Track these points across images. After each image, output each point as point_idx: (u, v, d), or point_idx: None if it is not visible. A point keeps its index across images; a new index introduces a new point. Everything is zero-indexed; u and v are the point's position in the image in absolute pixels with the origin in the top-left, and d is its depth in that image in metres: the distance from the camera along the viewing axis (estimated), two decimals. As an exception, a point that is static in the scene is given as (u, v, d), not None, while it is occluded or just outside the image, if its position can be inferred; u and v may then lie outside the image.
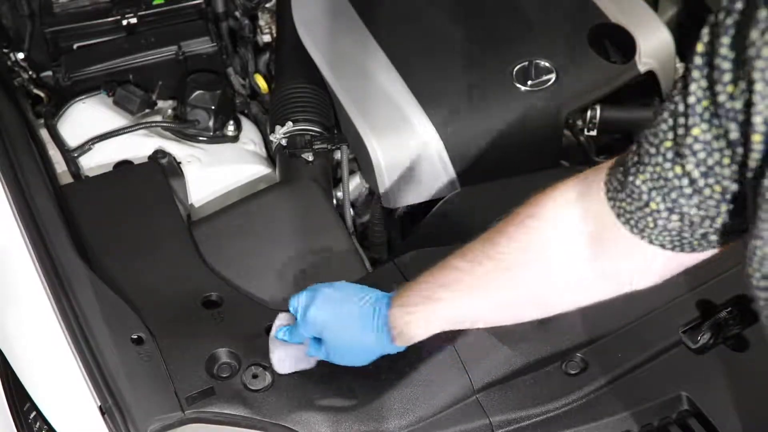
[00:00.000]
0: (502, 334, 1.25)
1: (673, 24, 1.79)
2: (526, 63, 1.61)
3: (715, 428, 1.16)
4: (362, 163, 1.63)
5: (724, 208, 0.83)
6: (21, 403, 1.21)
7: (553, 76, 1.60)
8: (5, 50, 1.80)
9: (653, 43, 1.67)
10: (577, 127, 1.63)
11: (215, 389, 1.21)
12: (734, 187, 0.80)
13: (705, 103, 0.78)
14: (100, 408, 1.16)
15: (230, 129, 1.75)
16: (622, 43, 1.66)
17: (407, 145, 1.55)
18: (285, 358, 1.21)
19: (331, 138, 1.68)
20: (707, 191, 0.82)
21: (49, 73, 1.84)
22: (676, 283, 1.29)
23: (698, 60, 0.78)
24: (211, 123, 1.71)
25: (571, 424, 1.18)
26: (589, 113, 1.62)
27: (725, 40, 0.75)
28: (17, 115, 1.58)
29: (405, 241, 1.62)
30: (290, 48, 1.79)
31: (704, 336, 1.24)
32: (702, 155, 0.80)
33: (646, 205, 0.87)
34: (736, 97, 0.75)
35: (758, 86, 0.72)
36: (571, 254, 0.98)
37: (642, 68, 1.64)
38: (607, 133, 1.66)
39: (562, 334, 1.26)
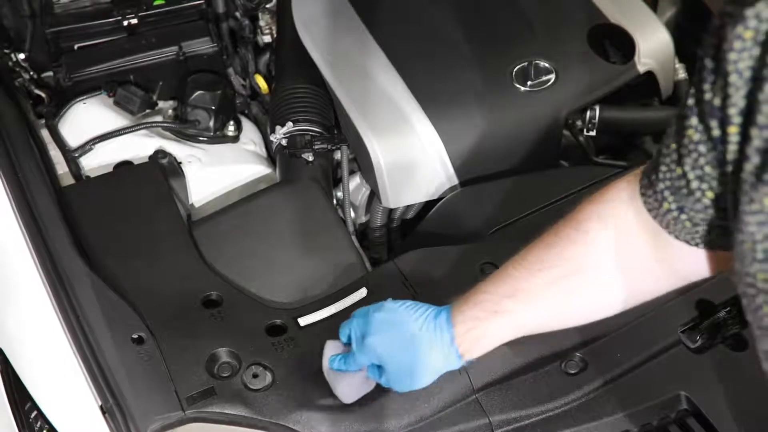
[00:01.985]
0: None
1: (672, 24, 1.79)
2: (526, 63, 1.61)
3: (714, 428, 1.16)
4: (362, 163, 1.64)
5: (711, 213, 0.85)
6: (22, 402, 1.21)
7: (552, 77, 1.61)
8: (6, 51, 1.81)
9: (652, 44, 1.67)
10: (577, 128, 1.63)
11: (215, 389, 1.21)
12: (722, 191, 0.83)
13: (698, 106, 0.81)
14: (101, 407, 1.17)
15: (230, 129, 1.75)
16: (622, 44, 1.66)
17: (407, 145, 1.56)
18: (349, 389, 1.18)
19: (331, 138, 1.68)
20: (698, 194, 0.85)
21: (50, 73, 1.84)
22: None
23: (698, 64, 0.81)
24: (211, 123, 1.72)
25: (570, 424, 1.18)
26: (588, 113, 1.63)
27: (711, 41, 0.78)
28: (18, 116, 1.58)
29: (405, 241, 1.62)
30: (290, 48, 1.80)
31: (703, 336, 1.24)
32: (694, 156, 0.83)
33: (661, 204, 0.90)
34: (716, 92, 0.77)
35: (732, 78, 0.75)
36: (633, 254, 0.99)
37: (641, 68, 1.65)
38: (606, 133, 1.66)
39: (561, 333, 1.26)
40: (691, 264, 0.95)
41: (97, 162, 1.66)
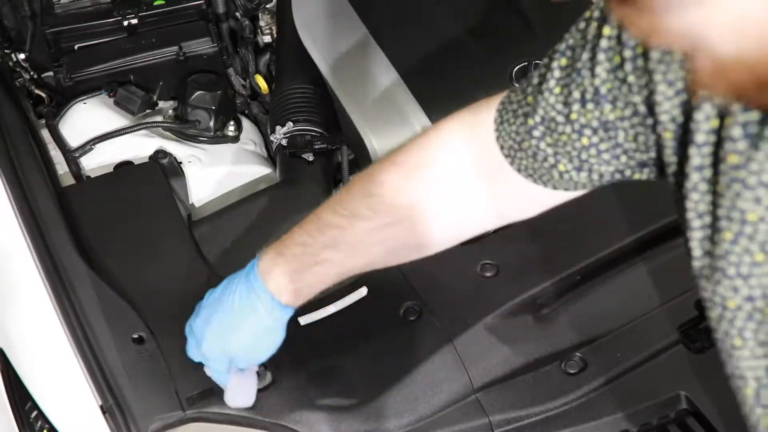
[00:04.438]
0: (501, 333, 1.26)
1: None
2: (526, 63, 1.61)
3: (713, 427, 1.16)
4: (362, 163, 1.64)
5: (634, 161, 0.84)
6: (22, 402, 1.21)
7: (552, 77, 1.60)
8: (7, 51, 1.81)
9: (652, 44, 1.67)
10: (577, 127, 1.63)
11: (216, 389, 1.21)
12: (635, 147, 0.82)
13: (609, 85, 0.80)
14: (101, 407, 1.17)
15: (231, 129, 1.75)
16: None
17: (407, 146, 1.55)
18: (243, 395, 1.17)
19: (332, 138, 1.68)
20: (617, 155, 0.84)
21: (51, 73, 1.84)
22: (675, 282, 1.30)
23: (605, 43, 0.80)
24: (211, 123, 1.72)
25: (570, 423, 1.19)
26: (588, 113, 1.63)
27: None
28: (19, 116, 1.58)
29: (405, 241, 1.62)
30: (290, 48, 1.80)
31: (703, 336, 1.24)
32: (608, 131, 0.82)
33: (553, 166, 0.88)
34: (641, 88, 0.77)
35: (661, 87, 0.74)
36: (461, 199, 0.99)
37: (641, 68, 1.65)
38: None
39: (561, 333, 1.27)
40: (529, 205, 0.98)
41: (97, 162, 1.66)
